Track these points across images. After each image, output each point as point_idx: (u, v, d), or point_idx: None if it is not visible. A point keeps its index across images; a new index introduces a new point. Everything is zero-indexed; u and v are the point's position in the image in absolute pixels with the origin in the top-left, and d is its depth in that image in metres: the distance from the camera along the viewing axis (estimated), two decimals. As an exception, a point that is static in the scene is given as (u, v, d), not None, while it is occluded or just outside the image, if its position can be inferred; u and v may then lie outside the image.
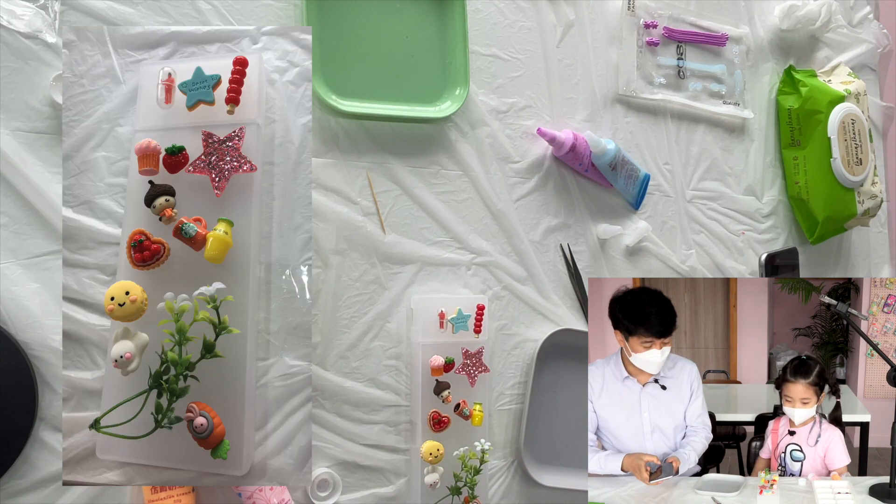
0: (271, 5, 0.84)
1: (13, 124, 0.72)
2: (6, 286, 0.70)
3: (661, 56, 1.09)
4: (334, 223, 0.85)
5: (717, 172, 1.15)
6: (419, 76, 0.91)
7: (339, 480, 0.83)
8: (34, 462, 0.70)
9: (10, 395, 0.68)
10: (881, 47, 1.34)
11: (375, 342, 0.87)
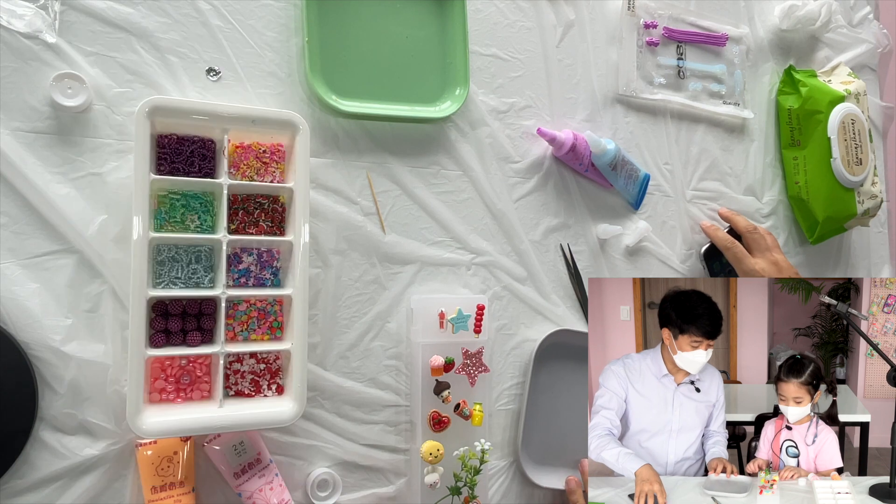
0: (271, 5, 0.84)
1: (13, 124, 0.72)
2: (6, 286, 0.70)
3: (661, 56, 1.09)
4: (334, 223, 0.85)
5: (717, 172, 1.15)
6: (419, 76, 0.91)
7: (339, 480, 0.83)
8: (34, 462, 0.70)
9: (10, 395, 0.68)
10: (881, 47, 1.34)
11: (375, 342, 0.87)
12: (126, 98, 0.77)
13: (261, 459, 0.78)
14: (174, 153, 0.76)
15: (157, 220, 0.76)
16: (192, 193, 0.78)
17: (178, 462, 0.73)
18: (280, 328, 0.82)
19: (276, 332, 0.81)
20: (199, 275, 0.77)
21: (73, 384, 0.72)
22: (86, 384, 0.72)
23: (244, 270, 0.80)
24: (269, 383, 0.80)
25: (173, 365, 0.76)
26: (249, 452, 0.77)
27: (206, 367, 0.78)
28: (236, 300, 0.80)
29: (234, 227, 0.80)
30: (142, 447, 0.73)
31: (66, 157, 0.74)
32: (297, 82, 0.85)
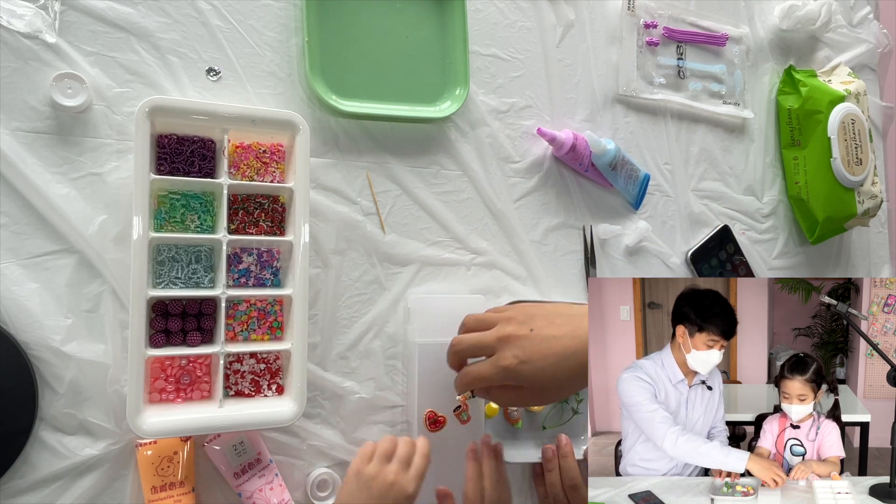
0: (271, 5, 0.84)
1: (13, 124, 0.72)
2: (6, 286, 0.70)
3: (661, 56, 1.09)
4: (334, 223, 0.85)
5: (717, 172, 1.15)
6: (419, 76, 0.91)
7: (338, 480, 0.83)
8: (34, 462, 0.70)
9: (10, 395, 0.68)
10: (881, 47, 1.34)
11: (375, 342, 0.87)
12: (126, 98, 0.77)
13: (261, 459, 0.78)
14: (174, 153, 0.76)
15: (157, 220, 0.76)
16: (192, 193, 0.78)
17: (178, 462, 0.73)
18: (280, 328, 0.82)
19: (276, 332, 0.81)
20: (199, 275, 0.77)
21: (73, 384, 0.72)
22: (86, 384, 0.72)
23: (244, 270, 0.80)
24: (269, 383, 0.80)
25: (173, 365, 0.76)
26: (249, 452, 0.77)
27: (206, 367, 0.78)
28: (236, 300, 0.80)
29: (234, 227, 0.80)
30: (142, 447, 0.73)
31: (66, 157, 0.74)
32: (297, 82, 0.85)
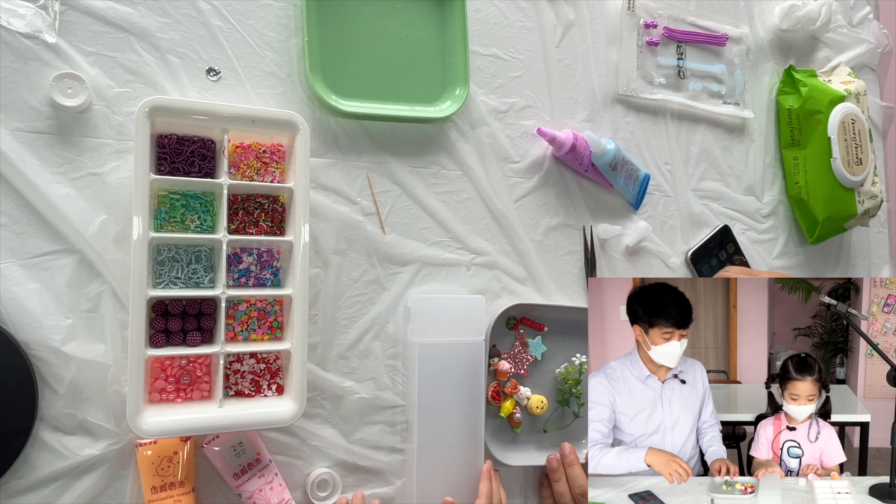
0: (271, 5, 0.84)
1: (13, 124, 0.72)
2: (6, 286, 0.70)
3: (661, 56, 1.09)
4: (334, 223, 0.85)
5: (717, 172, 1.15)
6: (419, 76, 0.91)
7: (338, 480, 0.83)
8: (34, 462, 0.70)
9: (10, 395, 0.68)
10: (881, 47, 1.34)
11: (375, 342, 0.87)
12: (126, 98, 0.77)
13: (260, 459, 0.78)
14: (174, 153, 0.76)
15: (157, 220, 0.76)
16: (192, 193, 0.78)
17: (178, 462, 0.73)
18: (280, 328, 0.82)
19: (276, 332, 0.81)
20: (199, 275, 0.77)
21: (73, 384, 0.72)
22: (86, 384, 0.72)
23: (244, 270, 0.80)
24: (269, 383, 0.80)
25: (173, 365, 0.76)
26: (248, 453, 0.77)
27: (206, 367, 0.78)
28: (236, 300, 0.80)
29: (234, 227, 0.80)
30: (142, 447, 0.73)
31: (66, 157, 0.74)
32: (297, 82, 0.85)
